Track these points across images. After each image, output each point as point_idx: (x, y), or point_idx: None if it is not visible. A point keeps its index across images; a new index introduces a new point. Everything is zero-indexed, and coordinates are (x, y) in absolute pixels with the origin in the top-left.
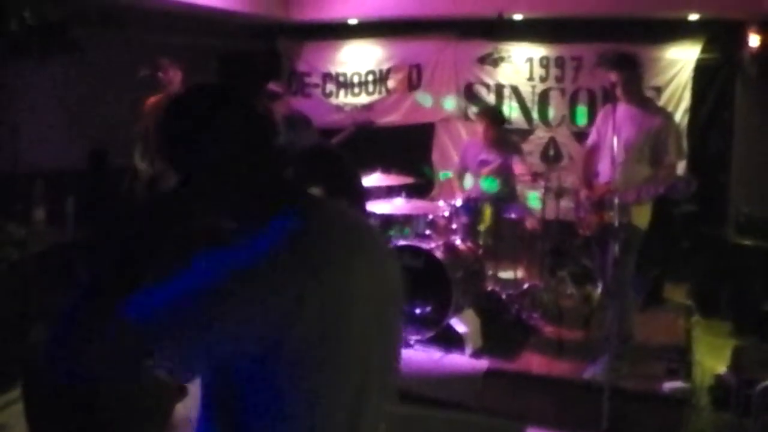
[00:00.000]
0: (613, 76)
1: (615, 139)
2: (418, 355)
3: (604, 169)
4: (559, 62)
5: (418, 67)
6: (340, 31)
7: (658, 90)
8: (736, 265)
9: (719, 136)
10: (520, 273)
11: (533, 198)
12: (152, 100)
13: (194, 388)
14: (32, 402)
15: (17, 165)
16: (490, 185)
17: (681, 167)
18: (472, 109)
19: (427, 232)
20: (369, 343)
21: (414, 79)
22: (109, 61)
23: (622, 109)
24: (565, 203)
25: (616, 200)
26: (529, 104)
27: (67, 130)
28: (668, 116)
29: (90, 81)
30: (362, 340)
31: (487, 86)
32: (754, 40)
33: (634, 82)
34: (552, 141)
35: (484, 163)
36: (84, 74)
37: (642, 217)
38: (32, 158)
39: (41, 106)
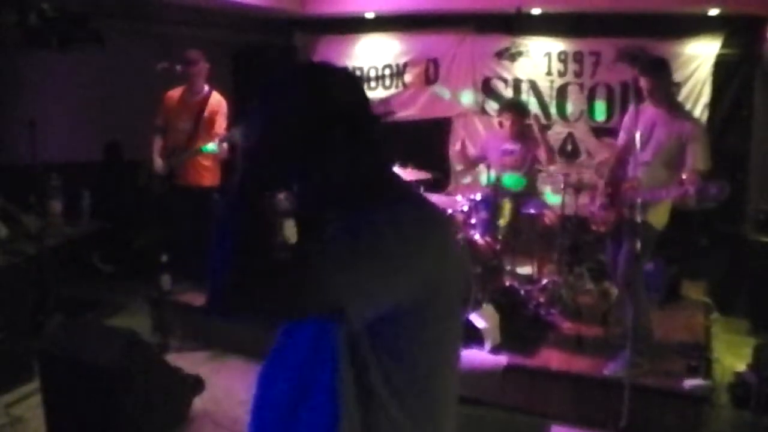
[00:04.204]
0: (643, 82)
1: (638, 137)
2: None
3: (632, 165)
4: (578, 57)
5: (435, 62)
6: (357, 25)
7: (678, 86)
8: (754, 262)
9: (738, 133)
10: (538, 269)
11: (551, 194)
12: (173, 93)
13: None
14: (51, 394)
15: (34, 157)
16: (515, 182)
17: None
18: (491, 105)
19: None
20: (457, 317)
21: (431, 74)
22: (126, 54)
23: (651, 110)
24: (584, 199)
25: (639, 200)
26: (547, 99)
27: (83, 122)
28: (699, 124)
29: (106, 73)
30: (455, 312)
31: (505, 81)
32: None
33: (664, 87)
34: (570, 136)
35: (507, 152)
36: (100, 67)
37: (659, 216)
38: (49, 151)
39: (58, 99)
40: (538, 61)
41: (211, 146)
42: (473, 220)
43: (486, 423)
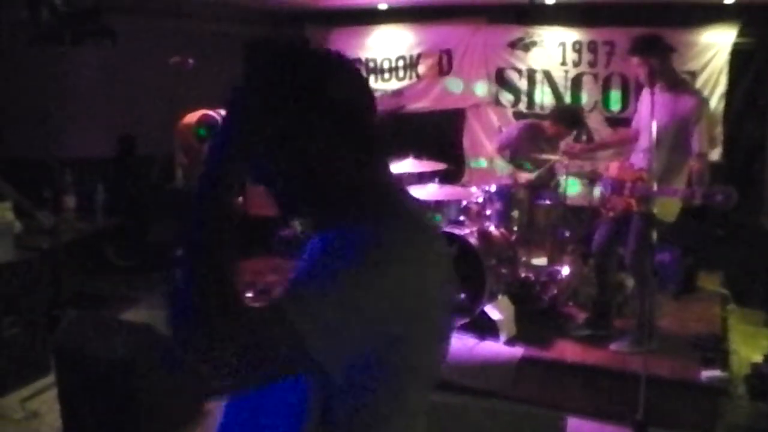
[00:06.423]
0: (637, 62)
1: (654, 125)
2: (453, 342)
3: (637, 154)
4: (592, 47)
5: (449, 53)
6: (370, 17)
7: (693, 74)
8: None
9: (755, 123)
10: (553, 260)
11: (572, 184)
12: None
13: None
14: (66, 388)
15: (48, 153)
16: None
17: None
18: (505, 96)
19: (461, 218)
20: (433, 352)
21: (444, 65)
22: (138, 48)
23: (657, 93)
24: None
25: (647, 193)
26: (561, 89)
27: (96, 117)
28: (702, 101)
29: (119, 68)
30: (431, 349)
31: (519, 71)
32: None
33: (658, 65)
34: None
35: (539, 161)
36: (113, 61)
37: (667, 209)
38: (62, 146)
39: (72, 94)
40: (552, 51)
41: None
42: (488, 212)
43: (500, 416)
